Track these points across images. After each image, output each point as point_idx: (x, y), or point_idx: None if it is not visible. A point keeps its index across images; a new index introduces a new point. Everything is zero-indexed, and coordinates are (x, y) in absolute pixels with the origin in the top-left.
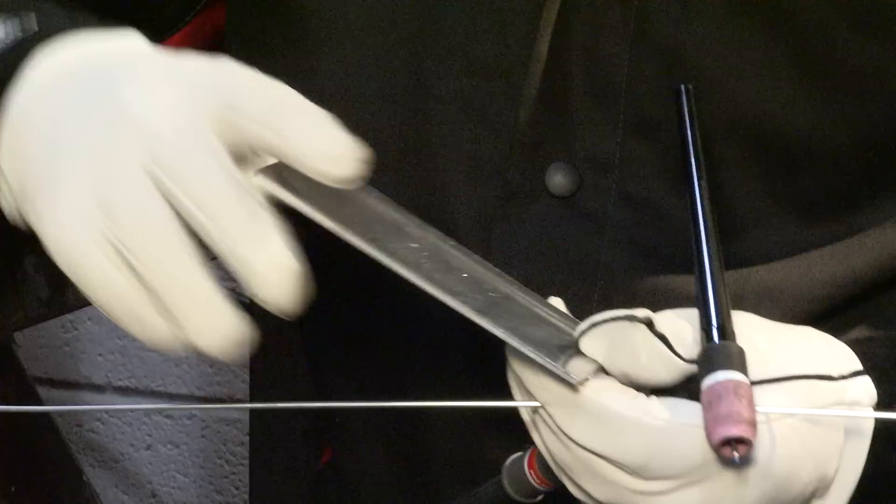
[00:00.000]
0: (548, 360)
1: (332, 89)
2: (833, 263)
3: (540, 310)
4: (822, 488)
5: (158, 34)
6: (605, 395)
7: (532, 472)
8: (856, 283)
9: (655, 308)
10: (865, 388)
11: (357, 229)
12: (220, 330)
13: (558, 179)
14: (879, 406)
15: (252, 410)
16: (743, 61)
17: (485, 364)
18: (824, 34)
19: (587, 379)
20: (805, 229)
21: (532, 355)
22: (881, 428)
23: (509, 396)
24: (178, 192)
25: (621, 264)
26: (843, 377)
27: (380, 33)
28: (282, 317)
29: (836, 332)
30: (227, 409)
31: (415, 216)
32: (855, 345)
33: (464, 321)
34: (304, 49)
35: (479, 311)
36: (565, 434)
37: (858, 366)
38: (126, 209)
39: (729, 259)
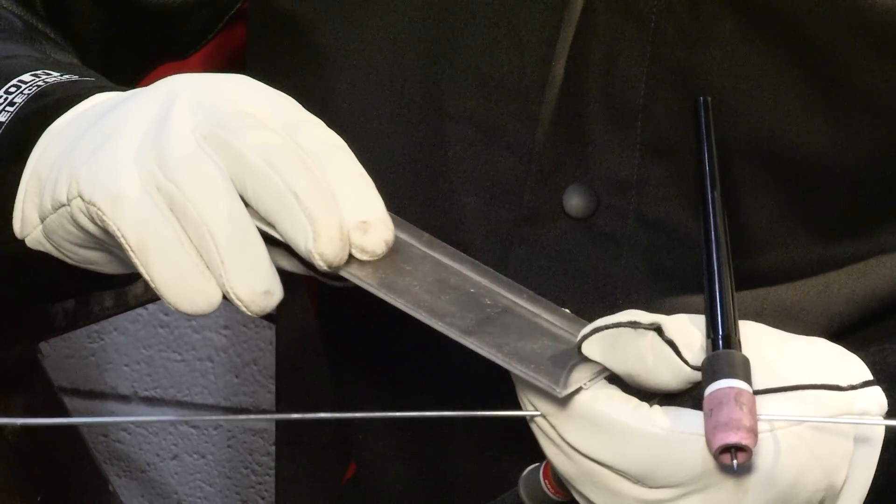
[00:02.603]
0: (531, 373)
1: (348, 111)
2: (851, 282)
3: (542, 320)
4: (830, 497)
5: (180, 53)
6: (607, 404)
7: (547, 482)
8: (874, 302)
9: None
10: (875, 398)
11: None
12: (256, 279)
13: (575, 201)
14: (890, 415)
15: (278, 421)
16: (759, 83)
17: (507, 381)
18: (839, 56)
19: (579, 388)
20: (823, 249)
21: (517, 371)
22: (891, 437)
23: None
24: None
25: (639, 286)
26: (853, 387)
27: (395, 54)
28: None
29: (854, 349)
30: (254, 420)
31: (424, 232)
32: (867, 356)
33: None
34: (319, 71)
35: (466, 332)
36: (568, 444)
37: (869, 376)
38: (181, 160)
39: (748, 278)
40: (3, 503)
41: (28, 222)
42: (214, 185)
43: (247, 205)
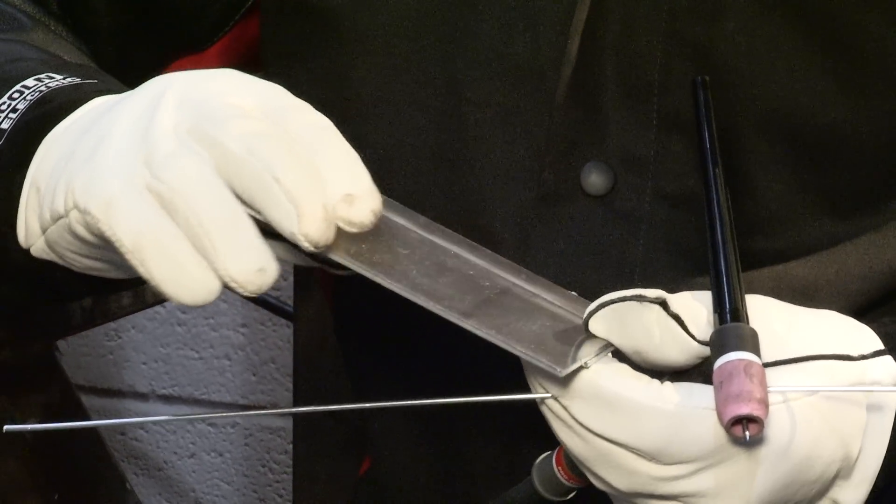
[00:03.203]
0: (531, 354)
1: (367, 96)
2: (868, 256)
3: (541, 300)
4: (845, 468)
5: (196, 47)
6: (619, 381)
7: (560, 468)
8: (891, 276)
9: None
10: (887, 367)
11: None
12: (248, 258)
13: (593, 179)
14: None
15: (296, 419)
16: (774, 56)
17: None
18: (854, 27)
19: (581, 367)
20: (839, 223)
21: (517, 352)
22: None
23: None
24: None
25: (658, 263)
26: (864, 357)
27: (412, 38)
28: None
29: (871, 324)
30: (270, 418)
31: (420, 215)
32: (879, 326)
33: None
34: (337, 57)
35: (465, 314)
36: (581, 424)
37: (880, 346)
38: (166, 157)
39: (764, 254)
40: (20, 501)
41: (31, 232)
42: (199, 177)
43: (237, 196)
